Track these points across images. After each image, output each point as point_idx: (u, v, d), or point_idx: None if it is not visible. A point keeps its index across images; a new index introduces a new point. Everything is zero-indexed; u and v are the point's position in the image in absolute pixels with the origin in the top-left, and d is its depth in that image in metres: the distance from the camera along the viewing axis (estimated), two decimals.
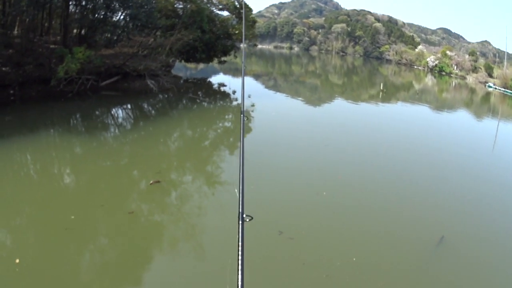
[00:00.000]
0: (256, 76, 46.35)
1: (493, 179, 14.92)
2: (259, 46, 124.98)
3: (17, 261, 6.73)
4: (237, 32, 32.25)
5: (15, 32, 21.19)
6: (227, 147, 15.79)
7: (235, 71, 47.08)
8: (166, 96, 24.39)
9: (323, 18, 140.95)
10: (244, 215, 2.86)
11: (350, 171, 13.68)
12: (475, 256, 8.66)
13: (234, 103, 25.25)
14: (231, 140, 16.78)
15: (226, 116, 21.91)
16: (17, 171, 11.25)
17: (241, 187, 3.10)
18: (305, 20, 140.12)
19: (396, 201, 11.33)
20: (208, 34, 28.96)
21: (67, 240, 7.61)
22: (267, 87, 38.40)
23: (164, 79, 24.43)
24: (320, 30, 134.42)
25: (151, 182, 10.48)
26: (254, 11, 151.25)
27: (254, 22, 34.57)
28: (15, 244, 7.58)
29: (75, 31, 23.60)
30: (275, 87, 39.32)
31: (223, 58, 33.13)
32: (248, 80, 41.91)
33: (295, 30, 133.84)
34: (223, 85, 32.70)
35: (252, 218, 2.88)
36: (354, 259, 7.84)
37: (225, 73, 44.74)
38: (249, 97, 25.37)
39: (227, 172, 12.47)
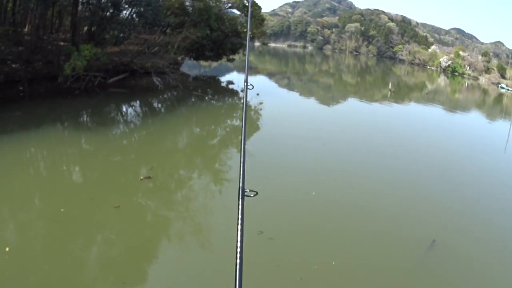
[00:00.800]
0: (270, 75, 46.26)
1: (498, 181, 14.74)
2: (273, 45, 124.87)
3: (7, 249, 6.94)
4: (245, 30, 31.98)
5: (26, 29, 21.30)
6: (234, 145, 15.68)
7: (248, 69, 46.95)
8: (175, 93, 24.48)
9: (337, 17, 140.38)
10: (248, 190, 2.58)
11: (347, 171, 13.53)
12: (467, 258, 8.55)
13: (243, 101, 24.90)
14: (240, 138, 16.68)
15: (235, 114, 21.77)
16: (22, 165, 11.45)
17: (242, 159, 2.84)
18: (318, 19, 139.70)
19: (391, 203, 11.09)
20: (216, 32, 28.94)
21: (55, 232, 7.84)
22: (280, 85, 38.33)
23: (171, 77, 24.51)
24: (333, 29, 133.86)
25: (141, 178, 10.62)
26: (268, 10, 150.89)
27: (263, 20, 34.27)
28: (6, 233, 7.80)
29: (85, 28, 23.63)
30: (288, 86, 39.24)
31: (231, 56, 33.03)
32: (262, 78, 41.87)
33: (309, 29, 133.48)
34: (232, 83, 32.79)
35: (257, 193, 2.59)
36: (333, 263, 7.63)
37: (238, 71, 44.70)
38: (258, 95, 25.29)
39: (231, 170, 12.47)
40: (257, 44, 71.67)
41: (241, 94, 27.15)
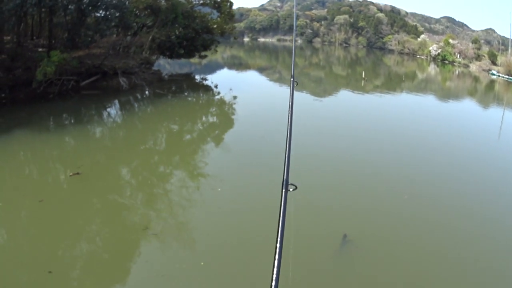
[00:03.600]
0: (261, 70, 46.26)
1: (494, 168, 14.57)
2: (262, 40, 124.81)
3: None
4: (215, 26, 32.63)
5: (9, 37, 21.61)
6: (201, 141, 16.22)
7: (238, 66, 46.96)
8: (146, 93, 25.01)
9: (326, 10, 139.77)
10: (290, 183, 2.62)
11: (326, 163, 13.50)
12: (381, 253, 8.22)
13: (217, 96, 25.85)
14: (213, 135, 17.39)
15: (206, 111, 22.55)
16: None
17: (287, 153, 2.91)
18: (307, 12, 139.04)
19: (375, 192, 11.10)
20: (186, 29, 29.22)
21: None
22: (271, 80, 38.29)
23: (141, 76, 25.09)
24: (322, 22, 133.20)
25: (70, 174, 10.93)
26: (257, 5, 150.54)
27: (232, 15, 34.94)
28: None
29: (66, 34, 23.89)
30: (280, 80, 39.04)
31: (203, 53, 33.48)
32: (252, 73, 41.85)
33: (298, 22, 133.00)
34: (205, 79, 33.06)
35: (296, 187, 2.62)
36: (202, 263, 7.28)
37: (229, 67, 44.54)
38: (231, 90, 26.39)
39: (206, 166, 12.79)
40: (246, 39, 71.65)
41: (215, 90, 27.93)
